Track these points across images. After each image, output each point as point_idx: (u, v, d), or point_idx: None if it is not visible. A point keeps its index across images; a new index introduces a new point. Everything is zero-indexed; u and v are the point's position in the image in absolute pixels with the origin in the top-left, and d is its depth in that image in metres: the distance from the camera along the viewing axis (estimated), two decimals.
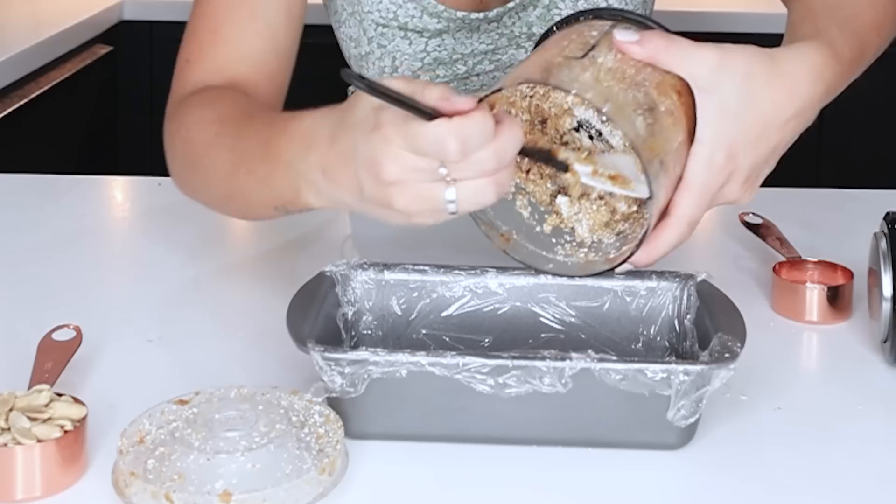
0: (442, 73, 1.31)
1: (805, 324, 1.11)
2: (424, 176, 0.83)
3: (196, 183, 1.11)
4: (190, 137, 1.09)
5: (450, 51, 1.29)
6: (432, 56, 1.29)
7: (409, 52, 1.29)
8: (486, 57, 1.31)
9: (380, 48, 1.29)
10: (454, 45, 1.29)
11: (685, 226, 0.95)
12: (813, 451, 0.92)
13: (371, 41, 1.29)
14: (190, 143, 1.09)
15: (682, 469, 0.89)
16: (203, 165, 1.07)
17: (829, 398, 1.00)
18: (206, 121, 1.09)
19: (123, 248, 1.34)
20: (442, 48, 1.29)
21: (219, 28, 1.17)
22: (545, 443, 0.90)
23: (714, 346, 0.89)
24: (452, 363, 0.87)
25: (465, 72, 1.31)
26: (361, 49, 1.30)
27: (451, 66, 1.30)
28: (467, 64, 1.31)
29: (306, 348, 0.88)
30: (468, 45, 1.29)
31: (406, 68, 1.29)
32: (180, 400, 0.88)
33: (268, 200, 0.99)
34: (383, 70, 1.30)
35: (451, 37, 1.29)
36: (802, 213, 1.36)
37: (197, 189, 1.12)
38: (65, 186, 1.49)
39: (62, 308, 1.12)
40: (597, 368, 0.87)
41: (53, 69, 2.36)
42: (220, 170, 1.04)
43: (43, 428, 0.84)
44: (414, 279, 1.02)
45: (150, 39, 2.69)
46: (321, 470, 0.83)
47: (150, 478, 0.81)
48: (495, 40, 1.29)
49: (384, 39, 1.29)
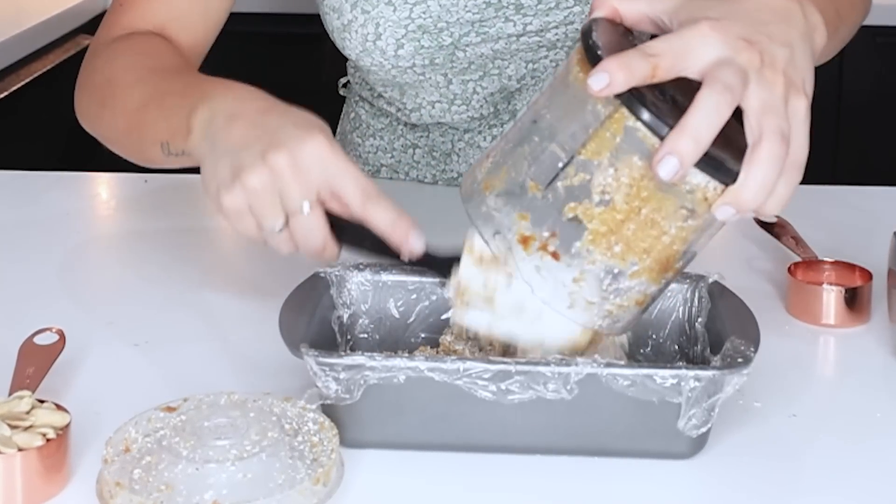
0: (426, 42, 1.32)
1: (821, 327, 1.11)
2: (277, 199, 0.95)
3: (102, 116, 1.20)
4: (114, 77, 1.19)
5: (435, 18, 1.31)
6: (416, 23, 1.31)
7: (394, 19, 1.31)
8: (473, 28, 1.32)
9: (363, 14, 1.31)
10: (439, 13, 1.31)
11: (711, 87, 0.82)
12: (830, 461, 0.92)
13: (354, 7, 1.32)
14: (111, 82, 1.19)
15: (692, 479, 0.89)
16: (115, 98, 1.17)
17: (847, 405, 1.00)
18: (134, 67, 1.19)
19: (108, 248, 1.34)
20: (427, 15, 1.31)
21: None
22: (549, 452, 0.90)
23: (726, 351, 0.89)
24: (452, 368, 0.87)
25: (451, 43, 1.32)
26: (344, 18, 1.33)
27: (437, 36, 1.32)
28: (453, 35, 1.32)
29: (300, 353, 0.88)
30: (454, 13, 1.31)
31: (389, 35, 1.31)
32: (168, 407, 0.88)
33: (160, 133, 1.08)
34: (366, 38, 1.32)
35: (437, 3, 1.30)
36: (819, 211, 1.36)
37: (100, 122, 1.21)
38: (47, 183, 1.49)
39: (44, 311, 1.12)
40: (603, 374, 0.87)
41: (35, 61, 2.36)
42: (131, 103, 1.14)
43: (24, 436, 0.84)
44: (412, 280, 1.02)
45: None
46: (315, 480, 0.83)
47: (137, 488, 0.81)
48: (482, 9, 1.31)
49: (368, 5, 1.31)
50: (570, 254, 0.86)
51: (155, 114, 1.10)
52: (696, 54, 0.83)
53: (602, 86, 0.82)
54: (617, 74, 0.82)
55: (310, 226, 0.95)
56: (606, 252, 0.85)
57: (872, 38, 2.45)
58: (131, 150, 1.17)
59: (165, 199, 1.16)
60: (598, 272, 0.86)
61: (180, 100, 1.07)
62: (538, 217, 0.86)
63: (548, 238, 0.86)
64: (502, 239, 0.88)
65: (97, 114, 1.21)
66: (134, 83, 1.16)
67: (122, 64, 1.20)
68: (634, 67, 0.82)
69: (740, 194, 0.83)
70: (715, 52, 0.83)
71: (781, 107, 0.84)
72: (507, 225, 0.87)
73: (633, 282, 0.87)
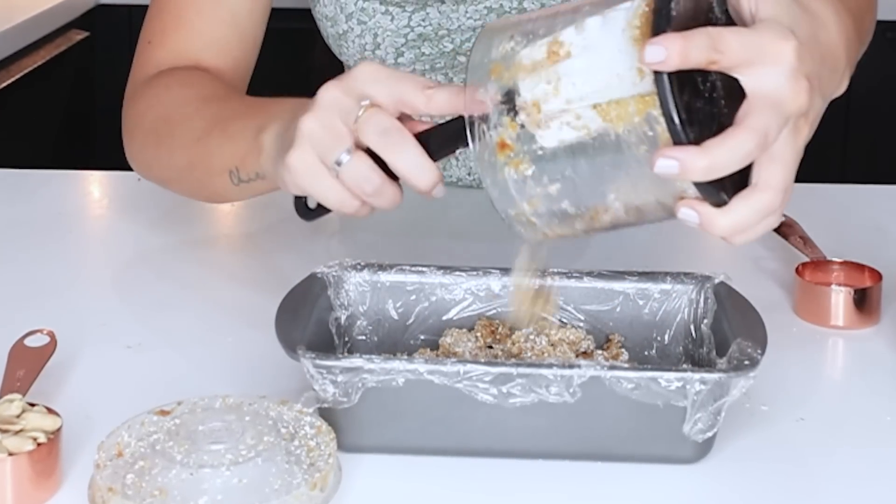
0: (427, 50, 1.31)
1: (830, 329, 1.11)
2: (341, 113, 0.90)
3: (159, 157, 1.16)
4: (167, 114, 1.15)
5: (435, 26, 1.30)
6: (416, 32, 1.30)
7: (392, 29, 1.30)
8: (475, 34, 1.31)
9: (360, 24, 1.31)
10: (440, 20, 1.30)
11: (752, 133, 0.81)
12: (839, 465, 0.92)
13: (350, 18, 1.31)
14: (166, 120, 1.15)
15: (698, 484, 0.89)
16: (173, 135, 1.13)
17: (856, 408, 1.00)
18: (187, 99, 1.15)
19: (101, 248, 1.34)
20: (427, 23, 1.30)
21: (183, 12, 1.24)
22: (552, 456, 0.90)
23: (733, 353, 0.89)
24: (453, 371, 0.87)
25: (453, 49, 1.32)
26: (339, 28, 1.32)
27: (438, 43, 1.31)
28: (454, 41, 1.31)
29: (296, 355, 0.88)
30: (455, 20, 1.30)
31: (389, 45, 1.30)
32: (161, 410, 0.88)
33: (227, 160, 1.04)
34: (364, 47, 1.31)
35: (436, 10, 1.30)
36: (827, 210, 1.36)
37: (157, 162, 1.17)
38: (38, 181, 1.49)
39: (35, 312, 1.12)
40: (607, 377, 0.87)
41: (26, 56, 2.36)
42: (191, 135, 1.10)
43: (15, 440, 0.84)
44: (412, 281, 1.02)
45: (128, 24, 2.69)
46: (312, 485, 0.83)
47: (130, 493, 0.81)
48: (484, 16, 1.30)
49: (364, 15, 1.30)
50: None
51: (219, 140, 1.07)
52: (762, 72, 0.81)
53: (656, 60, 0.78)
54: (674, 54, 0.78)
55: (360, 165, 0.90)
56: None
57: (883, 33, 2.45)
58: (195, 187, 1.15)
59: (159, 198, 1.16)
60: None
61: (246, 121, 1.04)
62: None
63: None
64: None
65: (154, 156, 1.17)
66: (192, 115, 1.13)
67: (173, 99, 1.17)
68: (693, 54, 0.79)
69: (716, 220, 0.82)
70: (780, 82, 0.81)
71: (795, 160, 0.83)
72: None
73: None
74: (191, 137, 1.11)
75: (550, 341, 0.98)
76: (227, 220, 1.37)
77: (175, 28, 1.24)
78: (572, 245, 1.24)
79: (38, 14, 2.42)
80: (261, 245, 1.30)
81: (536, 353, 0.97)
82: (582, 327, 1.01)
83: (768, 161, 0.82)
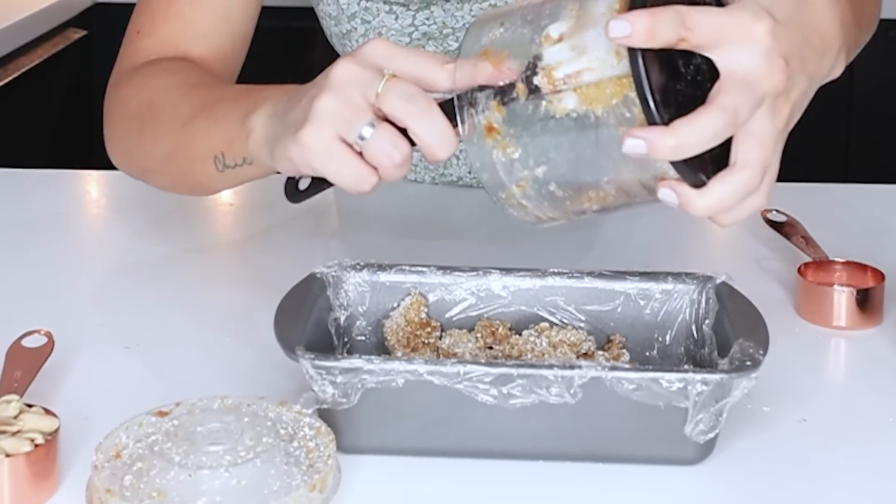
0: (432, 48, 1.31)
1: (832, 329, 1.11)
2: (360, 87, 0.89)
3: (141, 145, 1.14)
4: (152, 100, 1.14)
5: (439, 24, 1.30)
6: (421, 31, 1.30)
7: (396, 28, 1.30)
8: None
9: (364, 24, 1.30)
10: (444, 18, 1.30)
11: (721, 112, 0.81)
12: (841, 466, 0.92)
13: (353, 17, 1.30)
14: (150, 105, 1.14)
15: (700, 486, 0.89)
16: (157, 121, 1.12)
17: (859, 409, 1.00)
18: (174, 86, 1.14)
19: (98, 248, 1.34)
20: (431, 21, 1.30)
21: (174, 3, 1.23)
22: (552, 457, 0.90)
23: (735, 354, 0.89)
24: (453, 372, 0.87)
25: (458, 48, 1.32)
26: (342, 27, 1.32)
27: (442, 42, 1.31)
28: (459, 40, 1.31)
29: (295, 356, 0.88)
30: (459, 18, 1.30)
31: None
32: (160, 411, 0.88)
33: (213, 144, 1.03)
34: None
35: (441, 8, 1.29)
36: (830, 210, 1.36)
37: (139, 151, 1.15)
38: (35, 181, 1.49)
39: (32, 312, 1.12)
40: (608, 377, 0.87)
41: (23, 55, 2.36)
42: (176, 121, 1.09)
43: (12, 441, 0.84)
44: (411, 281, 1.02)
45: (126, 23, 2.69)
46: (311, 487, 0.83)
47: (128, 495, 0.81)
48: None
49: (368, 14, 1.30)
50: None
51: (205, 124, 1.05)
52: (733, 50, 0.81)
53: (619, 35, 0.79)
54: (640, 30, 0.78)
55: (387, 134, 0.89)
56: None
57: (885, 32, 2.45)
58: (177, 177, 1.12)
59: (158, 198, 1.16)
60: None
61: (234, 104, 1.02)
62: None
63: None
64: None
65: (136, 144, 1.15)
66: (178, 100, 1.11)
67: (160, 85, 1.16)
68: (660, 31, 0.79)
69: (694, 200, 0.83)
70: (752, 62, 0.81)
71: (775, 139, 0.84)
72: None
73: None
74: (176, 123, 1.09)
75: (551, 343, 0.98)
76: (226, 219, 1.37)
77: (166, 18, 1.23)
78: (573, 245, 1.24)
79: (36, 13, 2.41)
80: (260, 245, 1.30)
81: (537, 355, 0.97)
82: (583, 328, 1.01)
83: (745, 139, 0.82)
